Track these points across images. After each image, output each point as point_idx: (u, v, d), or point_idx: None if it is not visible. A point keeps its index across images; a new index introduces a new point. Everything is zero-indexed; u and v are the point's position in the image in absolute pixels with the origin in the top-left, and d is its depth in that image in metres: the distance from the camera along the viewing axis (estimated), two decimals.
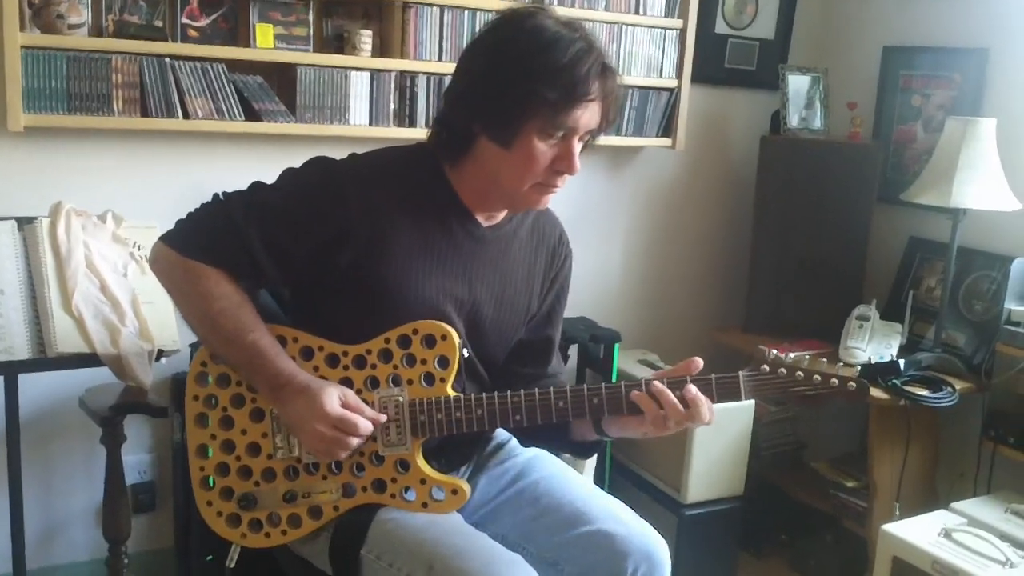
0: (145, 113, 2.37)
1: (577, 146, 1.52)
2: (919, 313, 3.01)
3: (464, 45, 2.68)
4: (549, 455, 1.82)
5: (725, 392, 1.53)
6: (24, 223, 2.21)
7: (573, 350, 3.00)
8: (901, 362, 2.68)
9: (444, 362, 1.56)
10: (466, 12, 2.72)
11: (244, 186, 1.59)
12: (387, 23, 2.70)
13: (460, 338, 1.57)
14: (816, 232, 3.13)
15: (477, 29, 2.71)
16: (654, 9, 3.04)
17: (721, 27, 3.33)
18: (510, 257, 1.69)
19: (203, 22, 2.51)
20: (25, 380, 2.22)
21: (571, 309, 3.12)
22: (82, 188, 2.40)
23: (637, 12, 3.01)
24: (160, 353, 2.18)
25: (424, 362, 1.56)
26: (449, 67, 1.92)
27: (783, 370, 1.53)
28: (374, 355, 1.57)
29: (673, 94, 3.11)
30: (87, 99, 2.31)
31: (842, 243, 3.13)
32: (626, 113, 3.04)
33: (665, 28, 3.06)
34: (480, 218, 1.63)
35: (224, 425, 1.62)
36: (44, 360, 2.11)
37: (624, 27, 2.98)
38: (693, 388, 1.50)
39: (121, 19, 2.41)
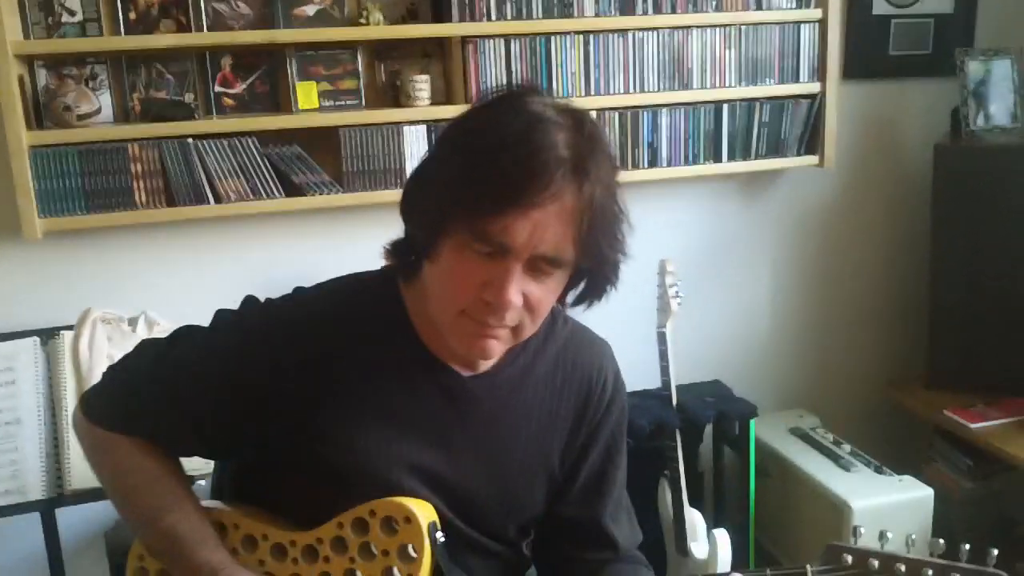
0: (171, 203, 2.13)
1: (516, 270, 1.05)
2: None
3: (536, 80, 2.31)
4: None
5: None
6: (47, 337, 2.04)
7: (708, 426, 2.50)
8: None
9: (414, 551, 1.18)
10: (539, 39, 2.29)
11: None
12: (450, 63, 2.32)
13: (433, 519, 1.18)
14: (1014, 261, 2.47)
15: (551, 61, 2.30)
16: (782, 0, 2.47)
17: (881, 7, 2.70)
18: (517, 408, 1.26)
19: (238, 88, 2.24)
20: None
21: (701, 372, 2.68)
22: (111, 291, 2.19)
23: (760, 7, 2.45)
24: (192, 479, 1.94)
25: (386, 553, 1.19)
26: None
27: (875, 562, 1.09)
28: (326, 545, 1.22)
29: (816, 101, 2.53)
30: (106, 195, 2.09)
31: None
32: (755, 131, 2.50)
33: (800, 22, 2.49)
34: (457, 365, 1.23)
35: None
36: (60, 498, 1.96)
37: (744, 28, 2.44)
38: None
39: (147, 96, 2.18)
